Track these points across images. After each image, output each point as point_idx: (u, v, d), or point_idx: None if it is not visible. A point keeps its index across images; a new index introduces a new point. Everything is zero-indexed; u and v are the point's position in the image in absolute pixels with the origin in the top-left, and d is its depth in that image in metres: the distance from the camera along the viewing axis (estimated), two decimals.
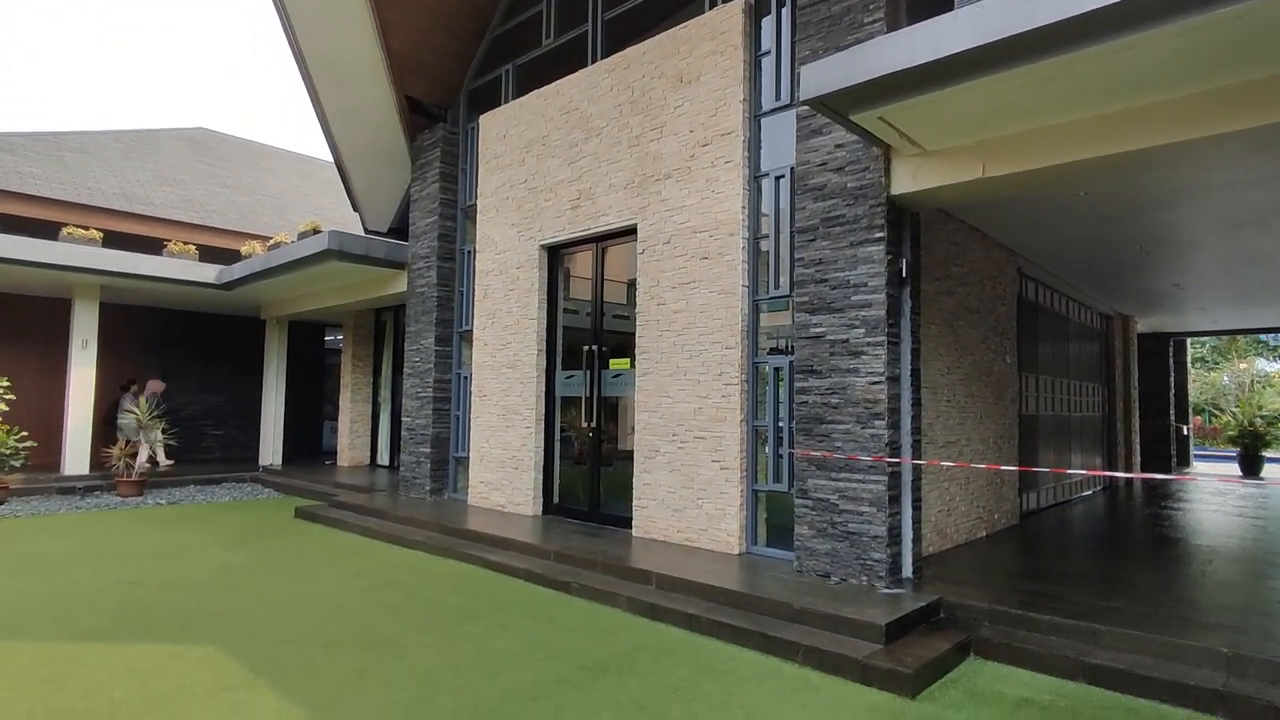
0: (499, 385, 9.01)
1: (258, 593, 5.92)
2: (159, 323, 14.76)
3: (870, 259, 5.55)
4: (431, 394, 9.82)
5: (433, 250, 10.02)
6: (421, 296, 10.17)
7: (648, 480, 7.18)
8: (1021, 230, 7.75)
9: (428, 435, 9.79)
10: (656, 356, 7.20)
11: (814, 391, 5.79)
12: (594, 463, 8.08)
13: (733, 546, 6.43)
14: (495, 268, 9.23)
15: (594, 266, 8.26)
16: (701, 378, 6.79)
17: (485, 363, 9.26)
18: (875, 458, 5.40)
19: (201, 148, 17.58)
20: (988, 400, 7.81)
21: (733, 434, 6.50)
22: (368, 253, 10.14)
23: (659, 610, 5.25)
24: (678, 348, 7.01)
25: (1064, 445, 10.69)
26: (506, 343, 8.96)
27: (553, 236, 8.47)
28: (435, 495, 9.75)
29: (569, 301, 8.83)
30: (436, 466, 9.79)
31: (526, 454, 8.56)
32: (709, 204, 6.84)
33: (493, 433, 9.03)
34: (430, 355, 9.90)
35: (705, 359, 6.77)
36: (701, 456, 6.73)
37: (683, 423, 6.91)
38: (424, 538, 7.73)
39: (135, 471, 11.38)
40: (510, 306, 8.96)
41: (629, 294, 8.15)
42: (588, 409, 8.09)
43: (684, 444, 6.88)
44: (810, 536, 5.73)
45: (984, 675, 4.32)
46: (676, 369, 7.01)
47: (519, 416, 8.70)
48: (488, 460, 9.07)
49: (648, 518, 7.16)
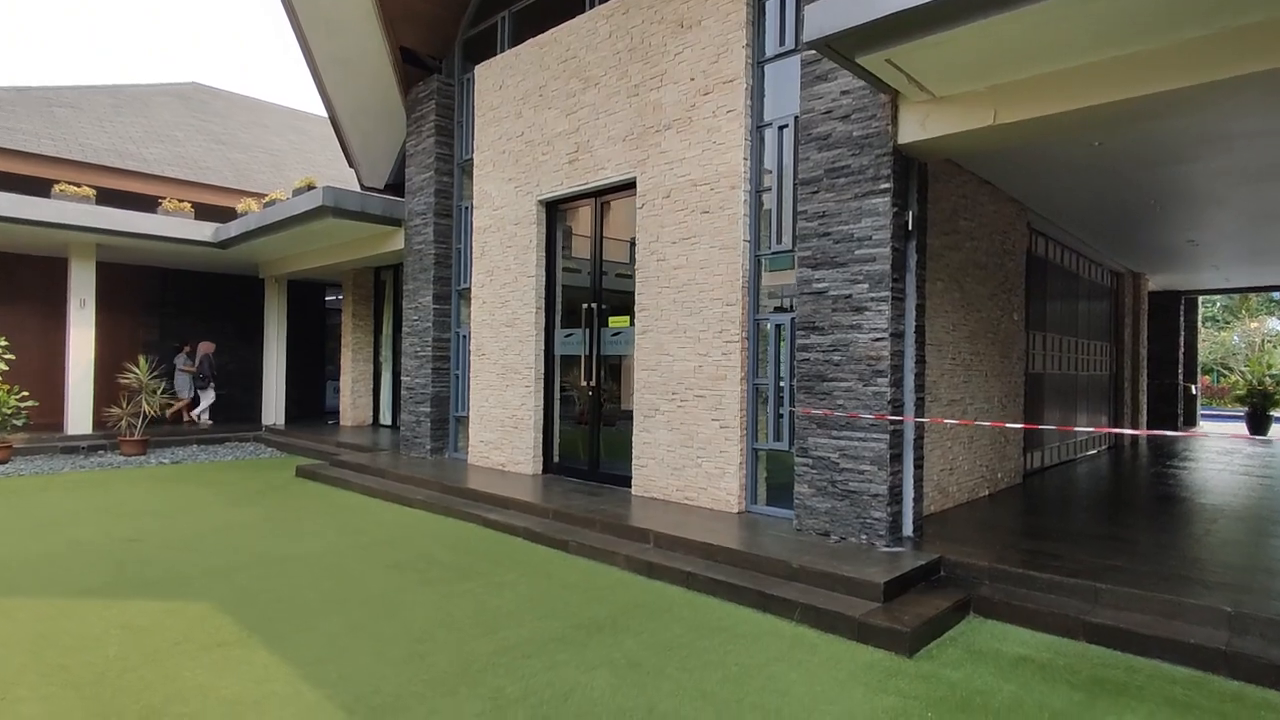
0: (498, 344, 8.91)
1: (256, 550, 5.92)
2: (158, 282, 14.66)
3: (875, 211, 5.36)
4: (430, 353, 9.74)
5: (429, 207, 9.82)
6: (419, 254, 10.02)
7: (647, 439, 7.12)
8: (1033, 183, 7.52)
9: (427, 394, 9.74)
10: (656, 314, 7.07)
11: (816, 349, 5.67)
12: (594, 422, 8.02)
13: (732, 505, 6.39)
14: (493, 224, 9.05)
15: (593, 222, 8.08)
16: (702, 335, 6.67)
17: (484, 321, 9.14)
18: (877, 416, 5.30)
19: (195, 104, 17.23)
20: (994, 358, 7.68)
21: (733, 392, 6.41)
22: (363, 209, 9.96)
23: (657, 569, 5.22)
24: (678, 305, 6.88)
25: (1070, 404, 10.58)
26: (505, 300, 8.83)
27: (550, 191, 8.27)
28: (436, 454, 9.74)
29: (569, 260, 8.67)
30: (436, 426, 9.76)
31: (526, 413, 8.50)
32: (710, 156, 6.62)
33: (492, 392, 8.97)
34: (428, 314, 9.78)
35: (706, 316, 6.64)
36: (701, 415, 6.65)
37: (683, 381, 6.82)
38: (424, 496, 7.72)
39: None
40: (508, 263, 8.81)
41: (630, 253, 7.99)
42: (587, 368, 8.00)
43: (684, 403, 6.80)
44: (810, 495, 5.67)
45: (983, 634, 4.28)
46: (676, 326, 6.88)
47: (518, 375, 8.62)
48: (487, 419, 9.02)
49: (647, 477, 7.11)
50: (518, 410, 8.60)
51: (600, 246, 8.02)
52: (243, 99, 19.48)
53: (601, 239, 8.02)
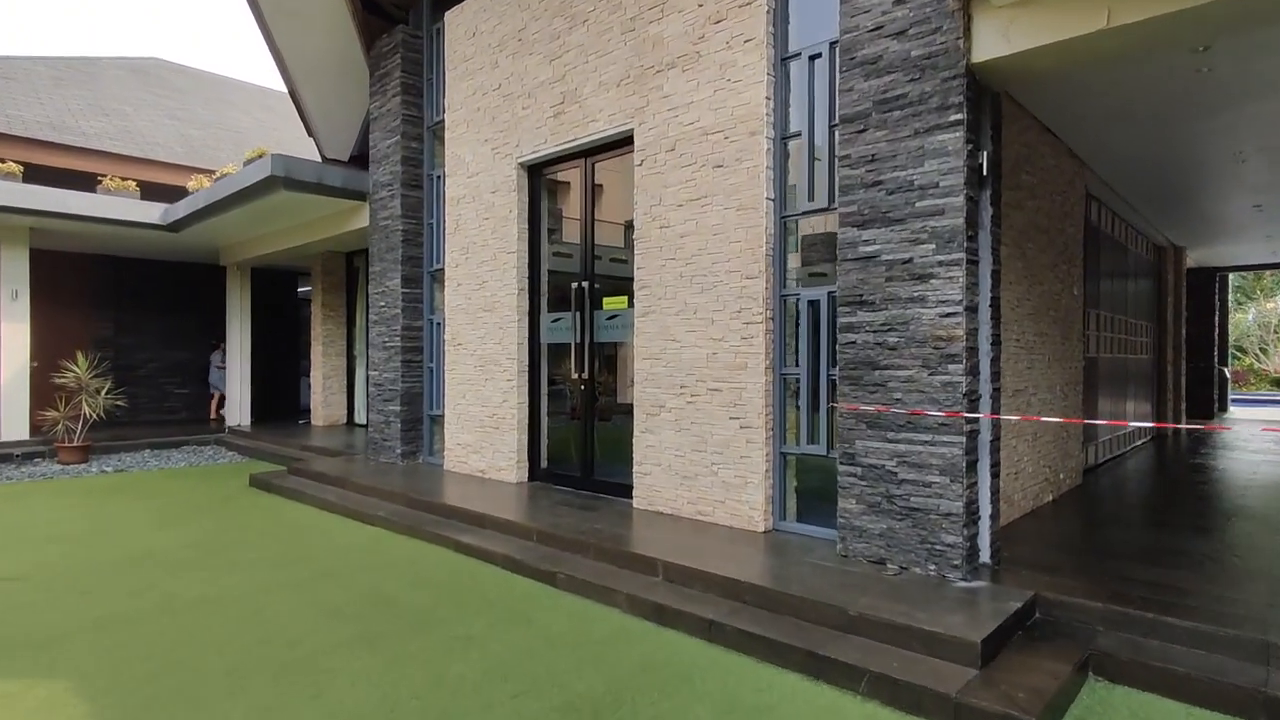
0: (475, 332, 7.72)
1: (167, 590, 4.74)
2: (111, 272, 13.39)
3: (942, 151, 4.19)
4: (400, 343, 8.54)
5: (396, 176, 8.60)
6: (385, 231, 8.80)
7: (651, 442, 5.95)
8: (1100, 134, 6.36)
9: (397, 391, 8.55)
10: (660, 292, 5.89)
11: (864, 329, 4.50)
12: (587, 421, 6.85)
13: (756, 522, 5.24)
14: (467, 193, 7.84)
15: (582, 187, 6.88)
16: (716, 316, 5.49)
17: (459, 306, 7.95)
18: (950, 413, 4.14)
19: (150, 78, 15.88)
20: (1055, 340, 6.53)
21: (756, 384, 5.24)
22: (320, 180, 8.72)
23: (668, 613, 4.07)
24: (685, 280, 5.70)
25: (1121, 392, 9.46)
26: (483, 282, 7.64)
27: (532, 152, 7.06)
28: (407, 459, 8.56)
29: (558, 245, 7.48)
30: (408, 427, 8.57)
31: (508, 411, 7.32)
32: (724, 97, 5.43)
33: (470, 387, 7.79)
34: (397, 298, 8.58)
35: (720, 293, 5.46)
36: (717, 413, 5.48)
37: (693, 372, 5.65)
38: (387, 512, 6.55)
39: (80, 435, 10.21)
40: (486, 239, 7.60)
41: (626, 236, 6.83)
42: (579, 358, 6.82)
43: (695, 397, 5.63)
44: (859, 513, 4.52)
45: (1121, 712, 3.14)
46: (684, 306, 5.70)
47: (498, 368, 7.44)
48: (465, 419, 7.84)
49: (651, 486, 5.95)
50: (499, 408, 7.43)
51: (591, 215, 6.82)
52: (209, 75, 18.13)
53: (593, 206, 6.83)
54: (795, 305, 5.25)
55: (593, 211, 6.82)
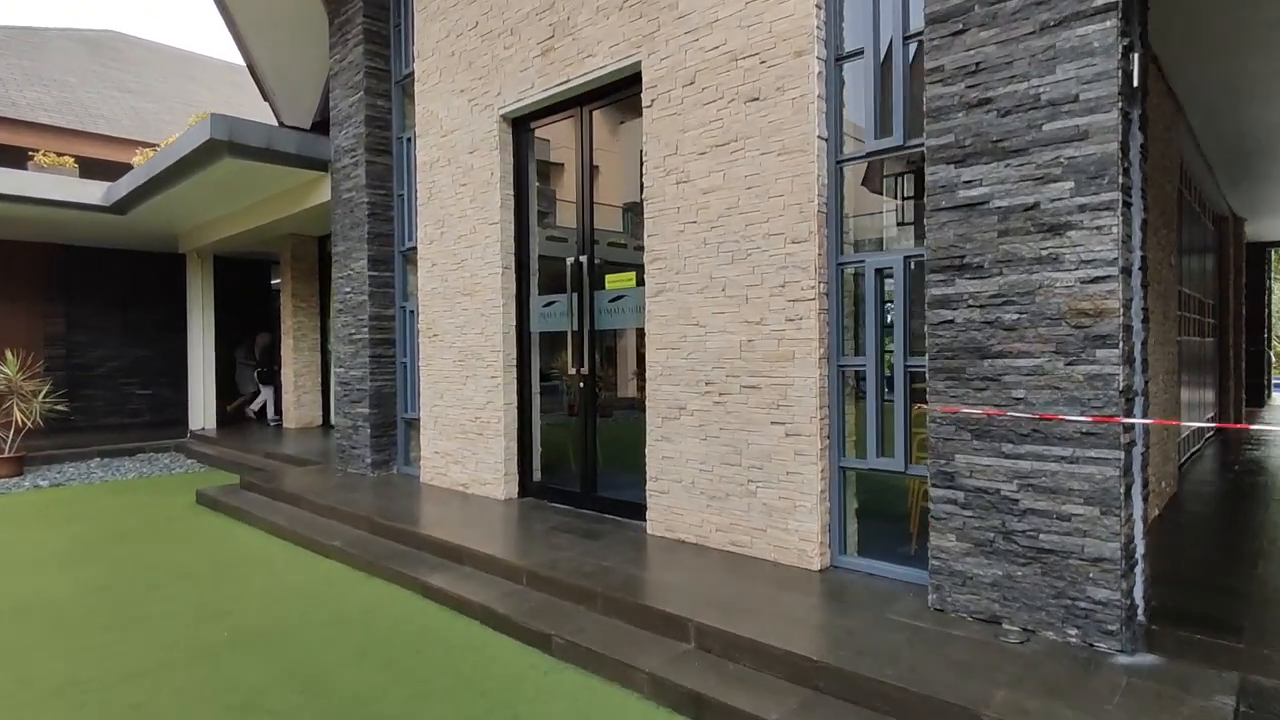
0: (453, 320, 6.51)
1: (20, 673, 3.54)
2: (61, 262, 12.14)
3: (1084, 49, 2.98)
4: (368, 335, 7.32)
5: (359, 140, 7.36)
6: (349, 204, 7.56)
7: (668, 452, 4.77)
8: (1206, 64, 5.17)
9: (365, 391, 7.34)
10: (677, 265, 4.69)
11: (966, 302, 3.31)
12: (587, 424, 5.65)
13: (809, 557, 4.06)
14: (442, 156, 6.61)
15: (577, 141, 5.65)
16: (752, 293, 4.29)
17: (434, 290, 6.73)
18: (1099, 419, 2.95)
19: (103, 50, 14.56)
20: (1157, 318, 5.35)
21: (806, 380, 4.05)
22: (270, 145, 7.47)
23: (710, 708, 2.89)
24: (711, 248, 4.50)
25: (1200, 380, 8.30)
26: (461, 260, 6.42)
27: (517, 100, 5.83)
28: (379, 470, 7.36)
29: (550, 229, 6.27)
30: (379, 432, 7.36)
31: (493, 414, 6.12)
32: (758, 10, 4.21)
33: (449, 385, 6.58)
34: (363, 283, 7.36)
35: (757, 263, 4.26)
36: (755, 416, 4.29)
37: (723, 364, 4.45)
38: (346, 540, 5.36)
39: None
40: (464, 208, 6.38)
41: (625, 220, 5.68)
42: (576, 349, 5.62)
43: (725, 396, 4.44)
44: (961, 553, 3.34)
45: None
46: (710, 282, 4.51)
47: (481, 362, 6.23)
48: (443, 423, 6.64)
49: (670, 508, 4.77)
50: (482, 411, 6.22)
51: (589, 177, 5.60)
52: (170, 50, 16.79)
53: (591, 163, 5.60)
54: (858, 276, 4.06)
55: (590, 173, 5.60)
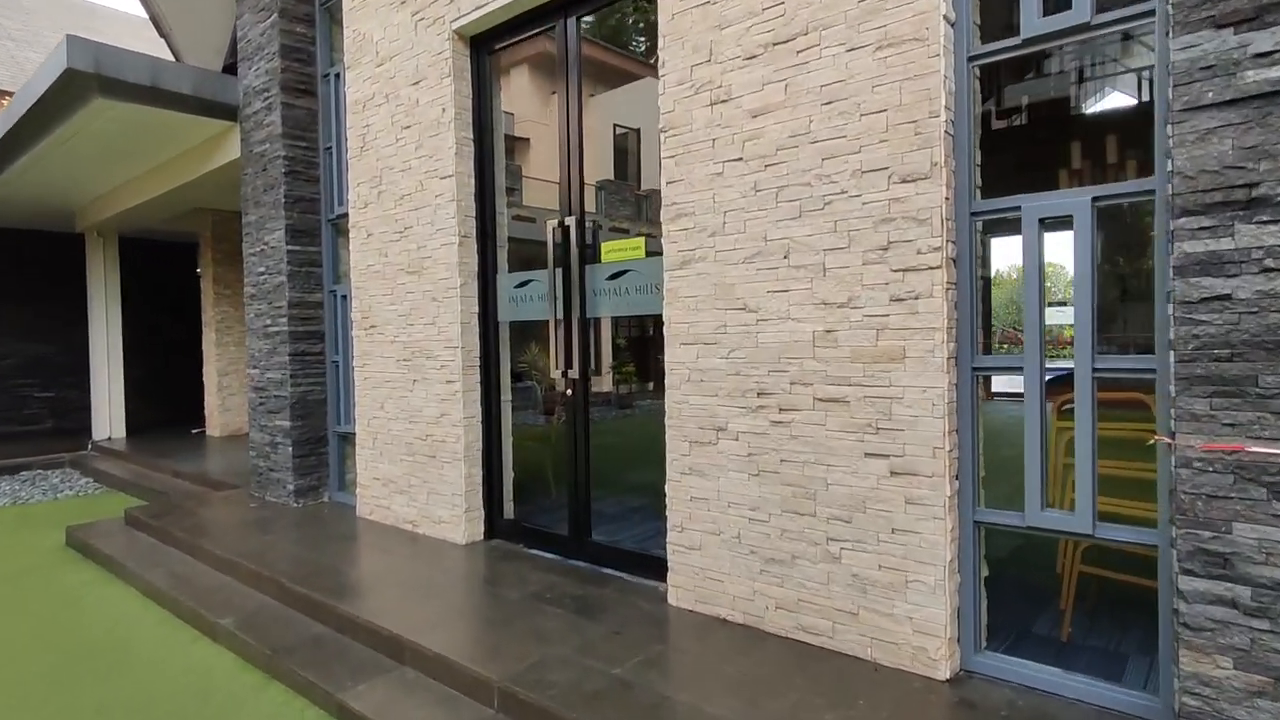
0: (395, 307, 4.98)
1: None
2: None
3: None
4: (287, 327, 5.73)
5: (273, 78, 5.74)
6: (260, 160, 5.94)
7: (699, 490, 3.34)
8: None
9: (285, 399, 5.75)
10: (712, 222, 3.25)
11: (1260, 264, 1.94)
12: (578, 444, 4.18)
13: (933, 660, 2.68)
14: (378, 91, 5.05)
15: (561, 61, 4.16)
16: (834, 259, 2.88)
17: (370, 268, 5.18)
18: None
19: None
20: None
21: (925, 390, 2.66)
22: (155, 83, 5.79)
23: None
24: (766, 197, 3.07)
25: None
26: (405, 229, 4.88)
27: (477, 8, 4.31)
28: (305, 499, 5.79)
29: (516, 208, 4.76)
30: (304, 450, 5.79)
31: (449, 430, 4.62)
32: None
33: (391, 392, 5.05)
34: (280, 260, 5.75)
35: (841, 214, 2.85)
36: (838, 443, 2.89)
37: (785, 366, 3.04)
38: (243, 615, 3.83)
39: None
40: (407, 159, 4.84)
41: (598, 200, 4.18)
42: (562, 343, 4.15)
43: (789, 413, 3.02)
44: (1246, 690, 1.98)
45: None
46: (764, 246, 3.08)
47: (432, 362, 4.72)
48: (384, 441, 5.11)
49: (702, 570, 3.35)
50: (434, 425, 4.71)
51: (577, 112, 4.11)
52: (81, 4, 14.67)
53: (580, 90, 4.11)
54: (995, 233, 2.67)
55: (580, 106, 4.11)
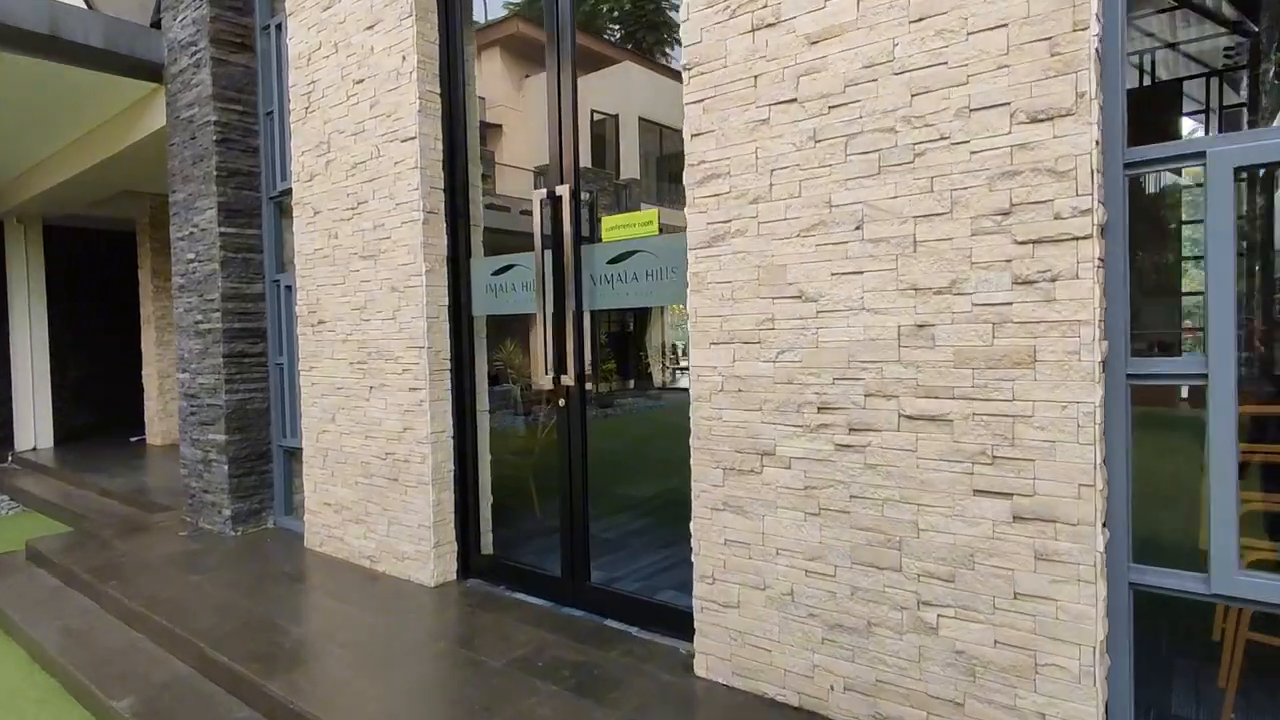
0: (347, 299, 4.15)
1: None
2: None
3: None
4: (220, 324, 4.86)
5: (201, 28, 4.85)
6: (188, 127, 5.05)
7: (736, 531, 2.59)
8: None
9: (219, 408, 4.88)
10: (754, 185, 2.49)
11: None
12: (572, 465, 3.39)
13: None
14: (325, 40, 4.20)
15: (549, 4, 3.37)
16: (929, 229, 2.15)
17: (318, 252, 4.34)
18: None
19: None
20: None
21: (1065, 406, 1.94)
22: (55, 31, 4.84)
23: None
24: (829, 150, 2.33)
25: None
26: (358, 204, 4.05)
27: None
28: (244, 526, 4.93)
29: (489, 195, 3.94)
30: (243, 469, 4.93)
31: (415, 449, 3.80)
32: None
33: (344, 402, 4.22)
34: (213, 245, 4.88)
35: (935, 168, 2.13)
36: (935, 475, 2.16)
37: (858, 371, 2.30)
38: (146, 694, 3.00)
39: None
40: (360, 120, 4.01)
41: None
42: (553, 342, 3.36)
43: (862, 434, 2.29)
44: None
45: None
46: (828, 214, 2.33)
47: (393, 365, 3.90)
48: (336, 460, 4.28)
49: (741, 635, 2.60)
50: (397, 442, 3.90)
51: (570, 51, 3.32)
52: None
53: (573, 30, 3.32)
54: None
55: (573, 46, 3.32)
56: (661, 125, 16.84)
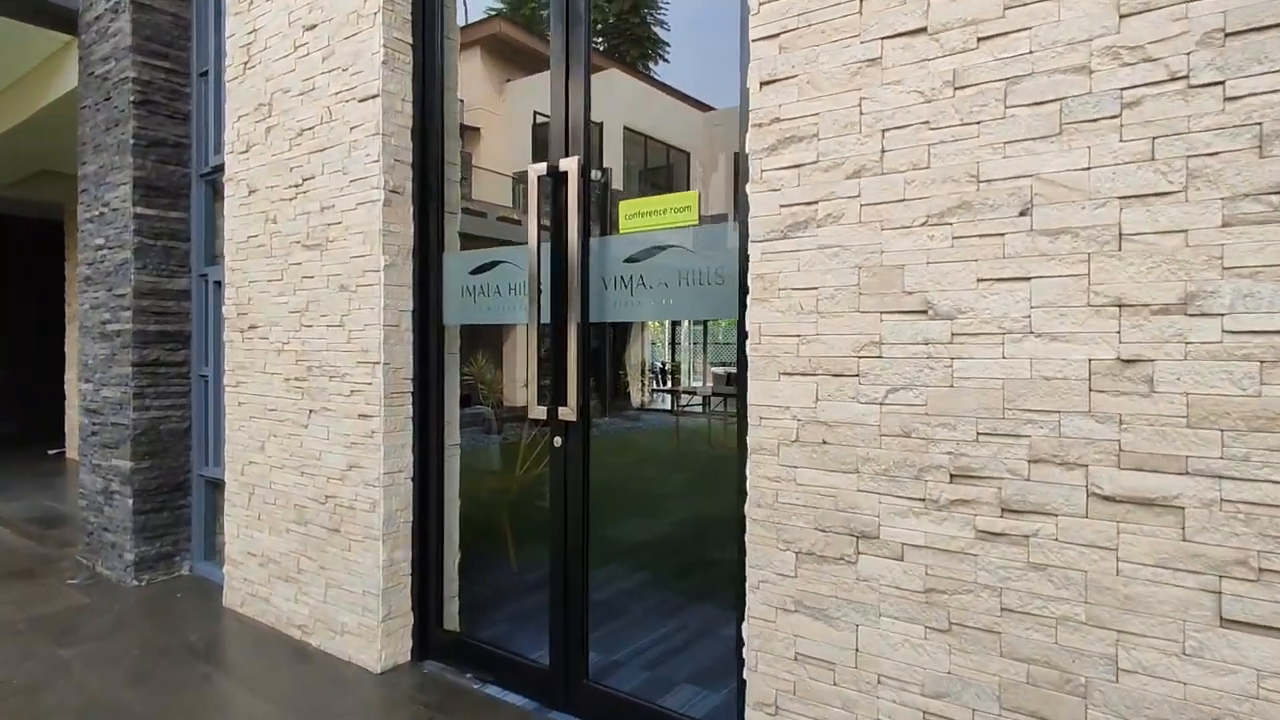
0: (286, 299, 3.30)
1: None
2: None
3: None
4: (131, 325, 3.97)
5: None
6: (101, 84, 4.17)
7: (813, 644, 1.82)
8: None
9: (126, 428, 3.97)
10: (857, 151, 1.75)
11: None
12: (568, 519, 2.58)
13: None
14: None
15: None
16: (1140, 216, 1.41)
17: (253, 239, 3.49)
18: None
19: None
20: None
21: None
22: None
23: None
24: (973, 98, 1.60)
25: None
26: (303, 179, 3.22)
27: None
28: (150, 574, 4.01)
29: (468, 199, 3.27)
30: (152, 503, 4.01)
31: (363, 492, 2.96)
32: None
33: (276, 426, 3.35)
34: (126, 228, 3.99)
35: (1155, 122, 1.40)
36: (1141, 591, 1.41)
37: (1014, 422, 1.55)
38: None
39: None
40: (310, 74, 3.19)
41: (515, 195, 2.63)
42: (552, 365, 2.56)
43: (1018, 519, 1.54)
44: None
45: None
46: (970, 195, 1.60)
47: (339, 385, 3.06)
48: (265, 500, 3.41)
49: None
50: (339, 482, 3.05)
51: None
52: None
53: None
54: None
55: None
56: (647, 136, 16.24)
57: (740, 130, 2.01)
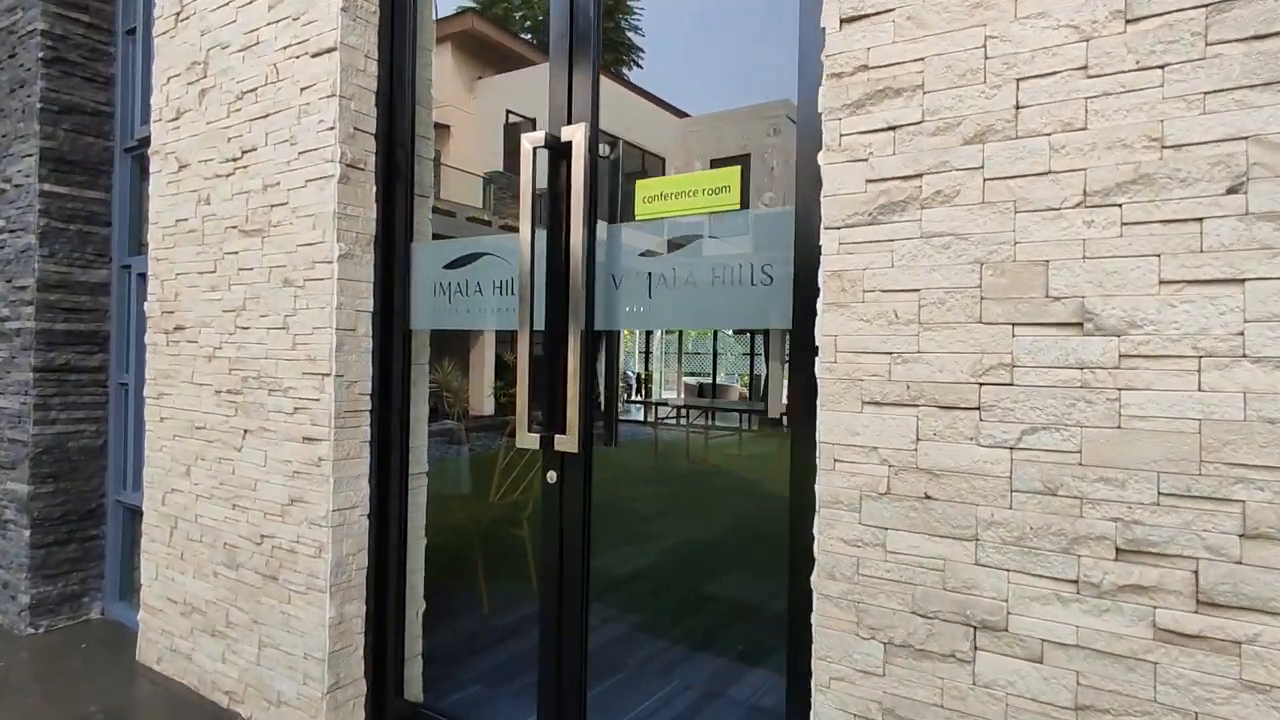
0: (219, 295, 2.74)
1: None
2: None
3: None
4: (33, 323, 3.36)
5: None
6: (5, 39, 3.55)
7: None
8: None
9: (24, 445, 3.35)
10: (979, 108, 1.30)
11: None
12: (562, 574, 2.08)
13: None
14: None
15: None
16: None
17: (182, 224, 2.93)
18: None
19: None
20: None
21: None
22: None
23: None
24: (1160, 31, 1.15)
25: None
26: (244, 150, 2.67)
27: None
28: (51, 619, 3.39)
29: (435, 198, 2.82)
30: (55, 534, 3.40)
31: (308, 532, 2.42)
32: None
33: (205, 447, 2.79)
34: (29, 208, 3.39)
35: None
36: None
37: (1215, 485, 1.10)
38: None
39: None
40: (253, 25, 2.65)
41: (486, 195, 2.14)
42: (548, 380, 2.06)
43: (1220, 615, 1.09)
44: None
45: None
46: (1150, 165, 1.15)
47: (280, 401, 2.52)
48: (188, 534, 2.84)
49: None
50: (279, 519, 2.50)
51: None
52: None
53: None
54: None
55: None
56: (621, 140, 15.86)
57: (801, 84, 1.56)
